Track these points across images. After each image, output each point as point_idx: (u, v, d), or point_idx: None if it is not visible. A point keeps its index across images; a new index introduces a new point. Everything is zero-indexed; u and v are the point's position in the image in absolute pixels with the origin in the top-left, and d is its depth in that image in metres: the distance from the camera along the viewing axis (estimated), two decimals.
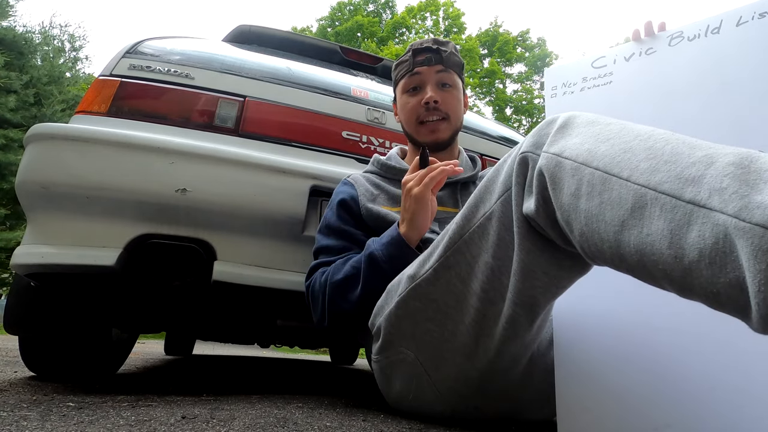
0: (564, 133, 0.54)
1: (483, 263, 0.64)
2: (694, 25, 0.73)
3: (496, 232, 0.62)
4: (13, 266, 0.99)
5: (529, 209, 0.55)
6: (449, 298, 0.69)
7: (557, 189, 0.52)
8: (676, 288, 0.44)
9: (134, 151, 0.97)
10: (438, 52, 0.99)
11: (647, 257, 0.44)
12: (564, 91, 0.84)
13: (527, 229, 0.57)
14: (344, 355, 3.86)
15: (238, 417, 0.72)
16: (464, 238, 0.66)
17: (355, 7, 16.92)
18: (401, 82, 1.03)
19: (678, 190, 0.42)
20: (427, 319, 0.73)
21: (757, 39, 0.65)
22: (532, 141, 0.57)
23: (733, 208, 0.37)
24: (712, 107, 0.67)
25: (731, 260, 0.37)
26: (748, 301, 0.37)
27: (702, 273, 0.39)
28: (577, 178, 0.50)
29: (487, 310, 0.65)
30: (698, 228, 0.39)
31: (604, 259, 0.50)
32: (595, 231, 0.48)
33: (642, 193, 0.44)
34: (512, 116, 15.67)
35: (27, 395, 0.89)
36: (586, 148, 0.51)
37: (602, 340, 0.69)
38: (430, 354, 0.74)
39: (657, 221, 0.42)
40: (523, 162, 0.57)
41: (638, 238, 0.44)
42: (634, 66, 0.78)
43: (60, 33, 9.71)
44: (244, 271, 0.99)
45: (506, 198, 0.61)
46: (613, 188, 0.46)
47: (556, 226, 0.54)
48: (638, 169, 0.45)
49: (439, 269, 0.69)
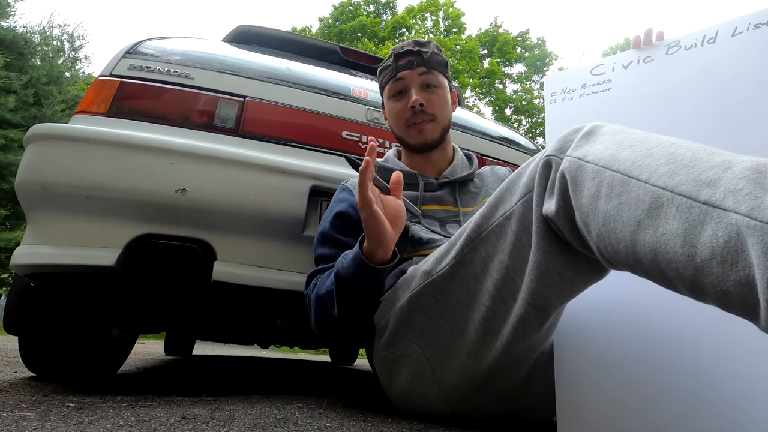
0: (589, 140, 0.56)
1: (498, 262, 0.65)
2: (691, 35, 0.74)
3: (514, 232, 0.63)
4: (13, 266, 0.99)
5: (549, 210, 0.56)
6: (462, 295, 0.70)
7: (578, 191, 0.53)
8: (687, 287, 0.44)
9: (134, 152, 0.97)
10: (419, 54, 0.98)
11: (661, 256, 0.44)
12: (563, 97, 0.86)
13: (546, 230, 0.58)
14: (344, 355, 3.86)
15: (238, 417, 0.72)
16: (481, 236, 0.67)
17: (356, 8, 16.92)
18: (386, 88, 1.02)
19: (694, 191, 0.42)
20: (438, 315, 0.73)
21: (751, 49, 0.67)
22: (557, 146, 0.58)
23: (746, 207, 0.38)
24: (708, 115, 0.69)
25: (742, 258, 0.38)
26: (757, 299, 0.37)
27: (713, 271, 0.40)
28: (598, 180, 0.51)
29: (498, 309, 0.66)
30: (712, 227, 0.40)
31: (619, 260, 0.50)
32: (612, 231, 0.49)
33: (659, 195, 0.45)
34: (512, 116, 15.67)
35: (27, 395, 0.89)
36: (609, 153, 0.52)
37: (602, 340, 0.69)
38: (437, 350, 0.75)
39: (672, 221, 0.43)
40: (547, 165, 0.58)
41: (653, 237, 0.45)
42: (632, 74, 0.79)
43: (59, 33, 9.72)
44: (244, 272, 0.99)
45: (527, 199, 0.61)
46: (631, 190, 0.47)
47: (574, 228, 0.55)
48: (657, 173, 0.46)
49: (455, 266, 0.70)
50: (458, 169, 1.03)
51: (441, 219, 0.96)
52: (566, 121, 0.84)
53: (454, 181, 1.01)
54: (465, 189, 1.02)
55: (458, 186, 1.02)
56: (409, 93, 0.98)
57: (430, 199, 0.98)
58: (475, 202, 1.00)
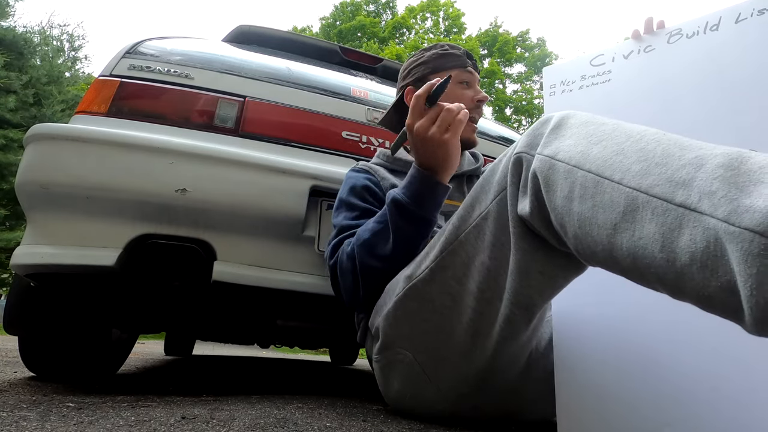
0: (558, 134, 0.55)
1: (479, 263, 0.64)
2: (692, 23, 0.73)
3: (492, 233, 0.62)
4: (13, 266, 0.99)
5: (524, 211, 0.56)
6: (445, 299, 0.69)
7: (551, 192, 0.52)
8: (668, 290, 0.44)
9: (134, 151, 0.97)
10: (476, 64, 1.03)
11: (640, 260, 0.44)
12: (563, 89, 0.84)
13: (523, 230, 0.58)
14: (344, 355, 3.85)
15: (238, 417, 0.72)
16: (460, 238, 0.66)
17: (356, 7, 16.92)
18: (454, 73, 0.99)
19: (669, 193, 0.42)
20: (423, 320, 0.73)
21: (755, 36, 0.65)
22: (527, 141, 0.58)
23: (723, 212, 0.38)
24: (710, 104, 0.67)
25: (722, 264, 0.37)
26: (741, 305, 0.37)
27: (694, 277, 0.39)
28: (570, 180, 0.50)
29: (484, 310, 0.65)
30: (689, 232, 0.39)
31: (598, 261, 0.50)
32: (588, 234, 0.48)
33: (634, 197, 0.44)
34: (512, 116, 15.68)
35: (27, 395, 0.89)
36: (579, 150, 0.51)
37: (602, 340, 0.69)
38: (428, 355, 0.74)
39: (649, 225, 0.42)
40: (518, 162, 0.58)
41: (630, 241, 0.44)
42: (633, 64, 0.78)
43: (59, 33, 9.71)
44: (244, 271, 0.99)
45: (502, 198, 0.61)
46: (605, 191, 0.47)
47: (550, 228, 0.54)
48: (630, 172, 0.45)
49: (435, 269, 0.69)
50: (465, 164, 1.05)
51: (447, 213, 0.96)
52: None
53: (461, 175, 1.02)
54: (472, 184, 1.03)
55: (466, 180, 1.03)
56: (476, 88, 1.00)
57: None
58: None
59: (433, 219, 0.78)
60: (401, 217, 0.77)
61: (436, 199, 0.77)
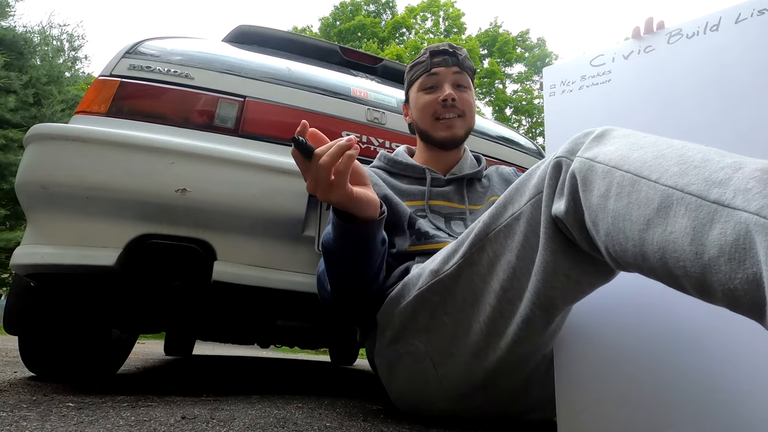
0: (600, 142, 0.56)
1: (505, 262, 0.65)
2: (692, 23, 0.73)
3: (522, 233, 0.63)
4: (13, 266, 0.99)
5: (559, 210, 0.56)
6: (468, 295, 0.70)
7: (587, 190, 0.53)
8: (694, 286, 0.44)
9: (134, 151, 0.97)
10: (454, 54, 1.02)
11: (669, 254, 0.44)
12: (563, 89, 0.84)
13: (554, 231, 0.58)
14: (344, 355, 3.85)
15: (238, 417, 0.72)
16: (489, 236, 0.67)
17: (356, 7, 16.92)
18: (417, 82, 1.03)
19: (704, 191, 0.42)
20: (444, 314, 0.74)
21: (755, 36, 0.65)
22: (568, 147, 0.58)
23: (756, 206, 0.38)
24: (711, 104, 0.67)
25: (750, 256, 0.38)
26: (764, 298, 0.37)
27: (721, 269, 0.40)
28: (608, 180, 0.51)
29: (504, 309, 0.66)
30: (720, 225, 0.40)
31: (627, 259, 0.50)
32: (621, 230, 0.49)
33: (669, 194, 0.45)
34: (512, 116, 15.68)
35: (27, 395, 0.89)
36: (620, 154, 0.52)
37: (602, 340, 0.69)
38: (441, 348, 0.75)
39: (681, 220, 0.43)
40: (557, 166, 0.58)
41: (662, 236, 0.45)
42: (633, 64, 0.78)
43: (59, 33, 9.71)
44: (244, 271, 0.99)
45: (537, 200, 0.61)
46: (641, 189, 0.47)
47: (583, 228, 0.55)
48: (668, 172, 0.46)
49: (463, 265, 0.70)
50: (466, 167, 1.05)
51: (446, 215, 0.96)
52: (566, 114, 0.83)
53: (462, 178, 1.02)
54: (472, 188, 1.03)
55: (466, 183, 1.03)
56: (442, 88, 1.00)
57: (436, 195, 0.99)
58: (482, 201, 1.01)
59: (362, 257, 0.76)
60: (329, 260, 0.78)
61: (356, 239, 0.74)
